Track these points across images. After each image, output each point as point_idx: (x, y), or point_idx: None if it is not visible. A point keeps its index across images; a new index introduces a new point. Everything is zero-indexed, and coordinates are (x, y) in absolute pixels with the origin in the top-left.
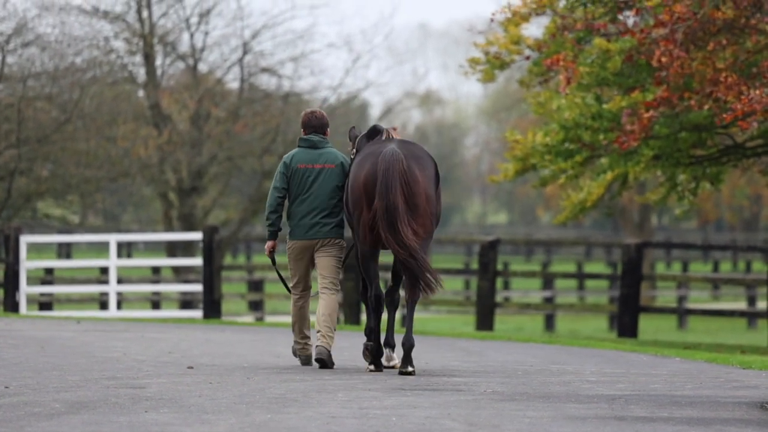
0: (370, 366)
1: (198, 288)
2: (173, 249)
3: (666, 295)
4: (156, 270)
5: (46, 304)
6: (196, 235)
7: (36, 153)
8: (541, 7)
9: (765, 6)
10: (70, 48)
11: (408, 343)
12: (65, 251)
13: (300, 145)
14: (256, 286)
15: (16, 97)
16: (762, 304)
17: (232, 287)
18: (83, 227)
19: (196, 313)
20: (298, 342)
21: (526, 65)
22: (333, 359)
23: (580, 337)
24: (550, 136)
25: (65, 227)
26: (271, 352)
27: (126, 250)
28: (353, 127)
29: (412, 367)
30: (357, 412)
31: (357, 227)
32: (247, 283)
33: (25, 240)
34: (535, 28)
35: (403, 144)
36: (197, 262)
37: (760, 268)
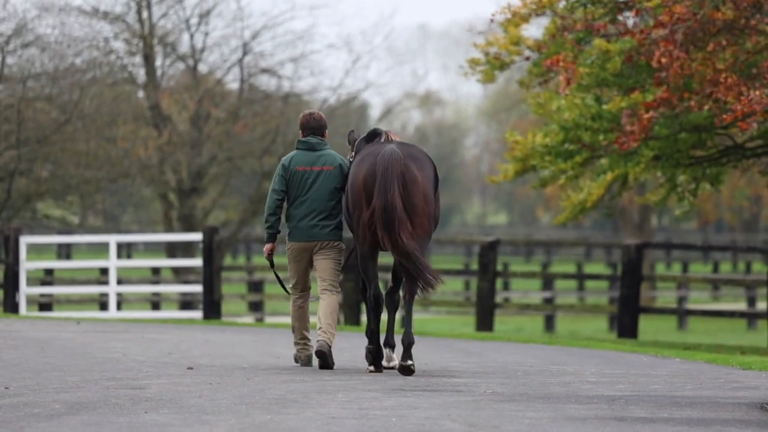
0: (370, 367)
1: (198, 289)
2: (173, 250)
3: (666, 296)
4: (156, 271)
5: (45, 304)
6: (196, 236)
7: (36, 154)
8: (541, 7)
9: (765, 7)
10: (69, 49)
11: (407, 340)
12: (65, 252)
13: (298, 148)
14: (256, 286)
15: (15, 97)
16: (762, 305)
17: (232, 288)
18: (83, 228)
19: (196, 313)
20: (297, 342)
21: (526, 66)
22: (333, 358)
23: (580, 338)
24: (550, 137)
25: (65, 228)
26: (271, 352)
27: (126, 250)
28: (352, 131)
29: (411, 361)
30: (357, 413)
31: (356, 227)
32: (247, 283)
33: (24, 241)
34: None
35: (403, 145)
36: (197, 262)
37: (760, 268)
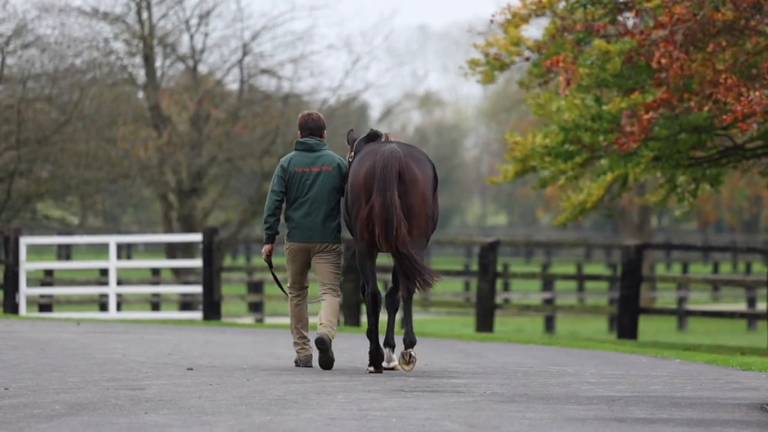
0: (369, 367)
1: (198, 289)
2: (173, 250)
3: (666, 297)
4: (156, 271)
5: (45, 305)
6: (196, 237)
7: (36, 154)
8: (540, 8)
9: (765, 7)
10: (69, 49)
11: (408, 340)
12: (65, 253)
13: (297, 149)
14: (255, 287)
15: (15, 98)
16: (762, 306)
17: (232, 289)
18: (83, 228)
19: (196, 314)
20: (297, 343)
21: (525, 66)
22: (333, 353)
23: (580, 339)
24: (550, 138)
25: (65, 228)
26: (271, 353)
27: (126, 251)
28: (351, 130)
29: (412, 350)
30: (357, 414)
31: (355, 224)
32: (246, 284)
33: (24, 241)
34: (534, 30)
35: (403, 145)
36: (197, 263)
37: (760, 269)
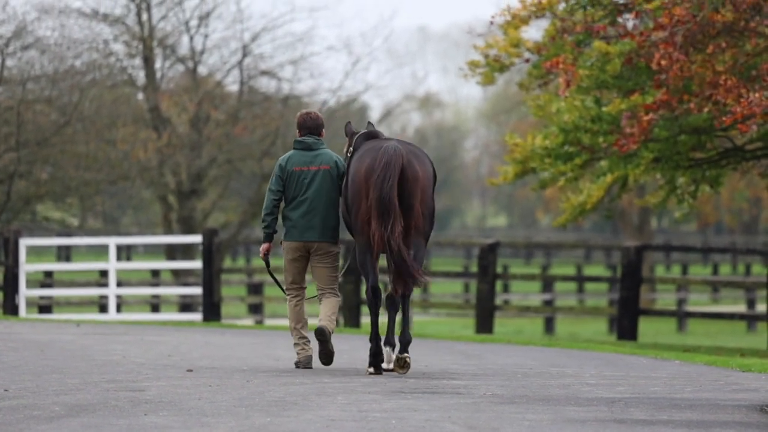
0: (369, 368)
1: (197, 291)
2: (173, 252)
3: (665, 298)
4: (155, 273)
5: (45, 307)
6: (196, 238)
7: (35, 156)
8: (540, 10)
9: (764, 9)
10: (69, 51)
11: (404, 339)
12: (65, 254)
13: (295, 147)
14: (255, 289)
15: (15, 100)
16: (761, 307)
17: (232, 290)
18: (83, 230)
19: (196, 315)
20: (297, 343)
21: (525, 68)
22: (332, 346)
23: (580, 340)
24: (550, 139)
25: (65, 230)
26: (271, 355)
27: (125, 252)
28: (349, 122)
29: (407, 353)
30: (356, 415)
31: (355, 221)
32: (246, 286)
33: (24, 243)
34: (534, 31)
35: (403, 143)
36: (197, 265)
37: (759, 271)
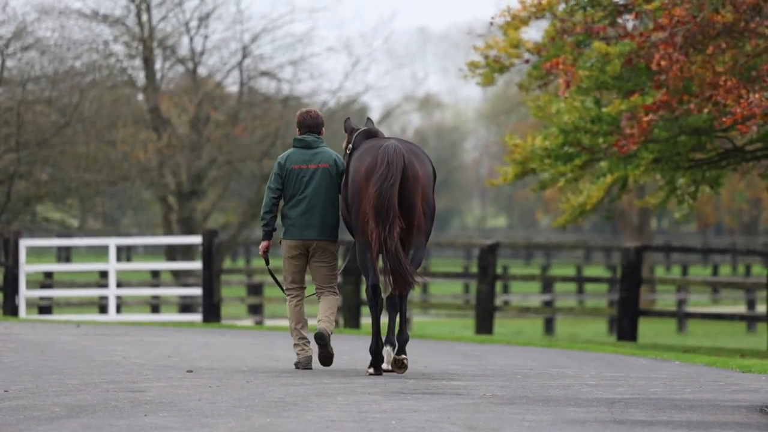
0: (369, 369)
1: (197, 291)
2: (173, 252)
3: (665, 299)
4: (155, 273)
5: (45, 307)
6: (196, 239)
7: (35, 156)
8: (540, 10)
9: (764, 9)
10: (69, 52)
11: (402, 338)
12: (65, 255)
13: (294, 146)
14: (255, 289)
15: (15, 100)
16: (761, 308)
17: (232, 291)
18: (83, 231)
19: (196, 316)
20: (296, 344)
21: (525, 69)
22: (332, 348)
23: (580, 341)
24: (550, 140)
25: (65, 231)
26: (271, 355)
27: (125, 253)
28: (348, 118)
29: (404, 355)
30: (356, 416)
31: (356, 219)
32: (246, 286)
33: (24, 243)
34: (534, 32)
35: (403, 142)
36: (197, 265)
37: (759, 271)
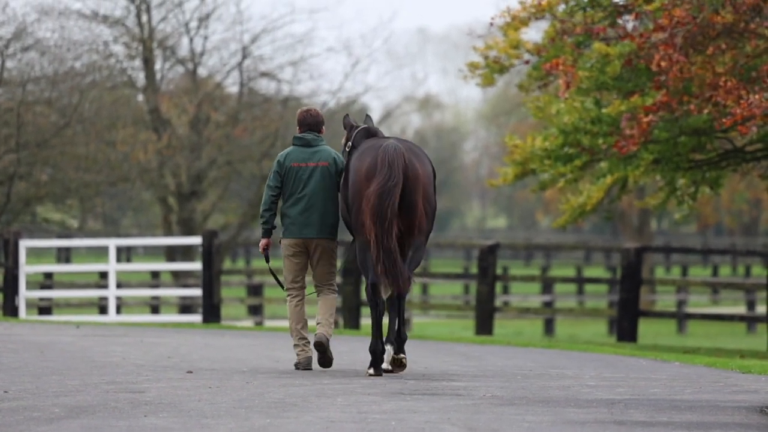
0: (369, 369)
1: (197, 292)
2: (172, 253)
3: (665, 300)
4: (155, 274)
5: (45, 308)
6: (196, 240)
7: (35, 157)
8: (540, 11)
9: (764, 10)
10: (69, 52)
11: (400, 338)
12: (64, 256)
13: (294, 144)
14: (255, 290)
15: (15, 101)
16: (761, 309)
17: (232, 291)
18: (82, 232)
19: (196, 317)
20: (296, 344)
21: (525, 69)
22: (331, 353)
23: (580, 342)
24: (550, 141)
25: (64, 232)
26: (271, 356)
27: (125, 254)
28: (347, 115)
29: (403, 354)
30: (356, 417)
31: (356, 219)
32: (246, 287)
33: (24, 244)
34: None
35: (402, 141)
36: (196, 266)
37: (759, 272)
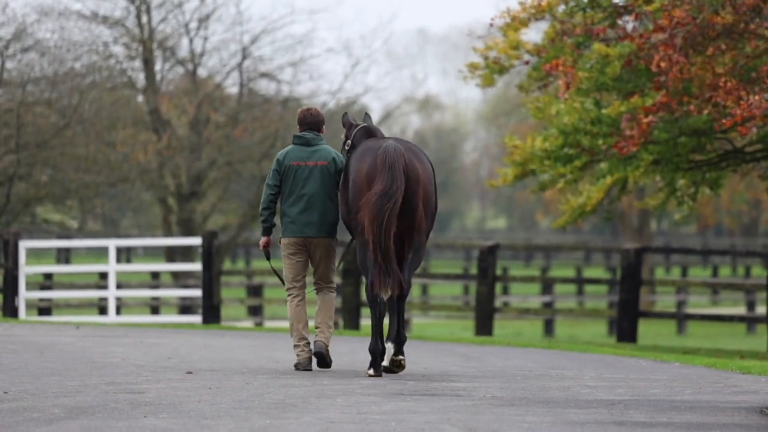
0: (369, 370)
1: (197, 293)
2: (172, 254)
3: (665, 300)
4: (155, 275)
5: (45, 309)
6: (196, 240)
7: (35, 158)
8: (540, 12)
9: (764, 11)
10: (69, 53)
11: (399, 339)
12: (64, 256)
13: (294, 143)
14: (255, 291)
15: (15, 102)
16: (761, 309)
17: (232, 292)
18: (82, 232)
19: (196, 318)
20: (296, 345)
21: (525, 70)
22: (330, 357)
23: (580, 342)
24: (550, 141)
25: (64, 232)
26: (270, 357)
27: (125, 255)
28: (346, 113)
29: (402, 356)
30: (356, 418)
31: (356, 220)
32: (246, 288)
33: (24, 245)
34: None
35: (401, 141)
36: (196, 267)
37: (759, 272)
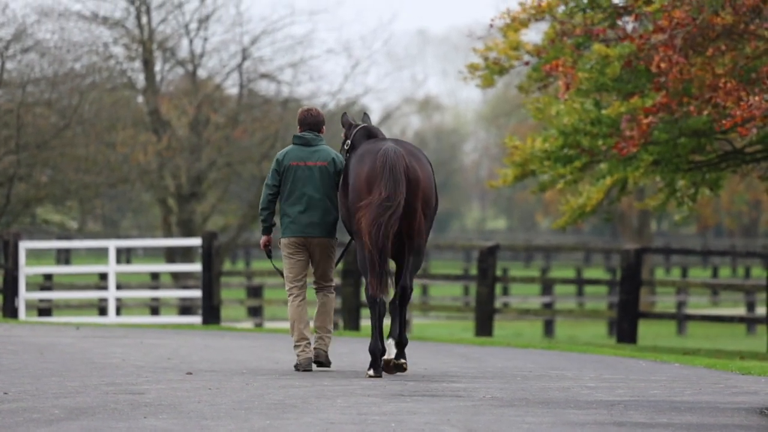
0: (369, 371)
1: (197, 294)
2: (172, 255)
3: (665, 301)
4: (155, 276)
5: (45, 310)
6: (195, 241)
7: (35, 159)
8: (540, 12)
9: (764, 12)
10: (69, 54)
11: (401, 342)
12: (64, 257)
13: (294, 143)
14: (255, 291)
15: (15, 102)
16: (761, 310)
17: (231, 293)
18: (82, 233)
19: (195, 318)
20: (297, 345)
21: (525, 71)
22: (330, 359)
23: (579, 343)
24: (549, 142)
25: (64, 233)
26: (270, 358)
27: (125, 255)
28: (345, 113)
29: (404, 360)
30: (356, 418)
31: (356, 221)
32: (246, 288)
33: (24, 246)
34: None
35: (400, 142)
36: (196, 267)
37: (759, 273)
